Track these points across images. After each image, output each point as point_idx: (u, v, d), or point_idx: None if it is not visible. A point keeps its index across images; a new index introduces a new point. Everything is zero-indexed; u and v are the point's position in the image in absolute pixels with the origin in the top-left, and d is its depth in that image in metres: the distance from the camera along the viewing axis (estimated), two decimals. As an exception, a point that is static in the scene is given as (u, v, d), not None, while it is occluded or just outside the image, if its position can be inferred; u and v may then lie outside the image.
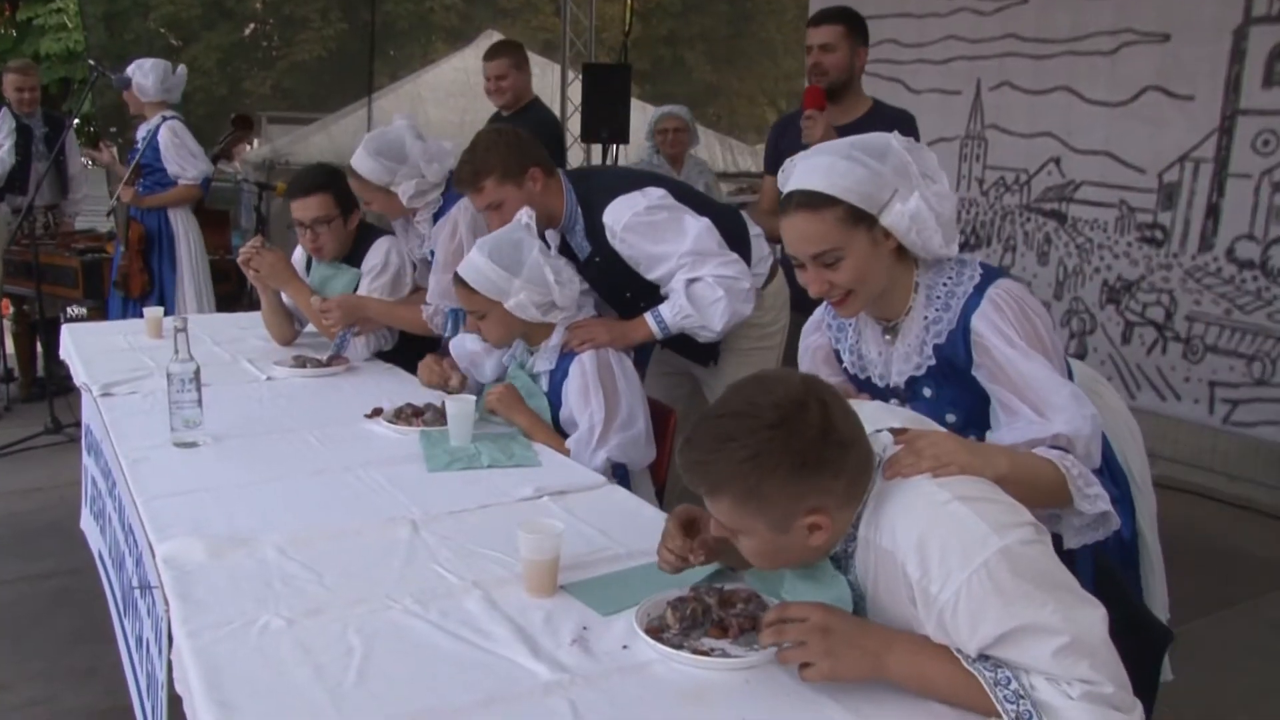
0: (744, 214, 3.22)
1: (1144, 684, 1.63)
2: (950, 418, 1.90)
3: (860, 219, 1.79)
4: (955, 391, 1.89)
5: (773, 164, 3.51)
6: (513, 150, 2.88)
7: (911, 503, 1.45)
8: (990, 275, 1.86)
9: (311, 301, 3.46)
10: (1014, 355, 1.79)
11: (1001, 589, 1.34)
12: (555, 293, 2.58)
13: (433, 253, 3.55)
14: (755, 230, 3.13)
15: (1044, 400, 1.76)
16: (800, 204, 1.81)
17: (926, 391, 1.92)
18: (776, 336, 3.24)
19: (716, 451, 1.44)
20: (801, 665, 1.43)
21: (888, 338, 1.96)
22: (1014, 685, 1.35)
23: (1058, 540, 1.76)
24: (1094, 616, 1.37)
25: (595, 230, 2.90)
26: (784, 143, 3.56)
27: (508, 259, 2.57)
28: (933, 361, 1.89)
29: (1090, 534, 1.78)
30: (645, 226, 2.81)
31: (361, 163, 3.34)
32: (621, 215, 2.82)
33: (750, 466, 1.41)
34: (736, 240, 2.96)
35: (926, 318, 1.88)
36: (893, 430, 1.59)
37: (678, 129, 5.79)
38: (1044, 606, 1.34)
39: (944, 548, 1.38)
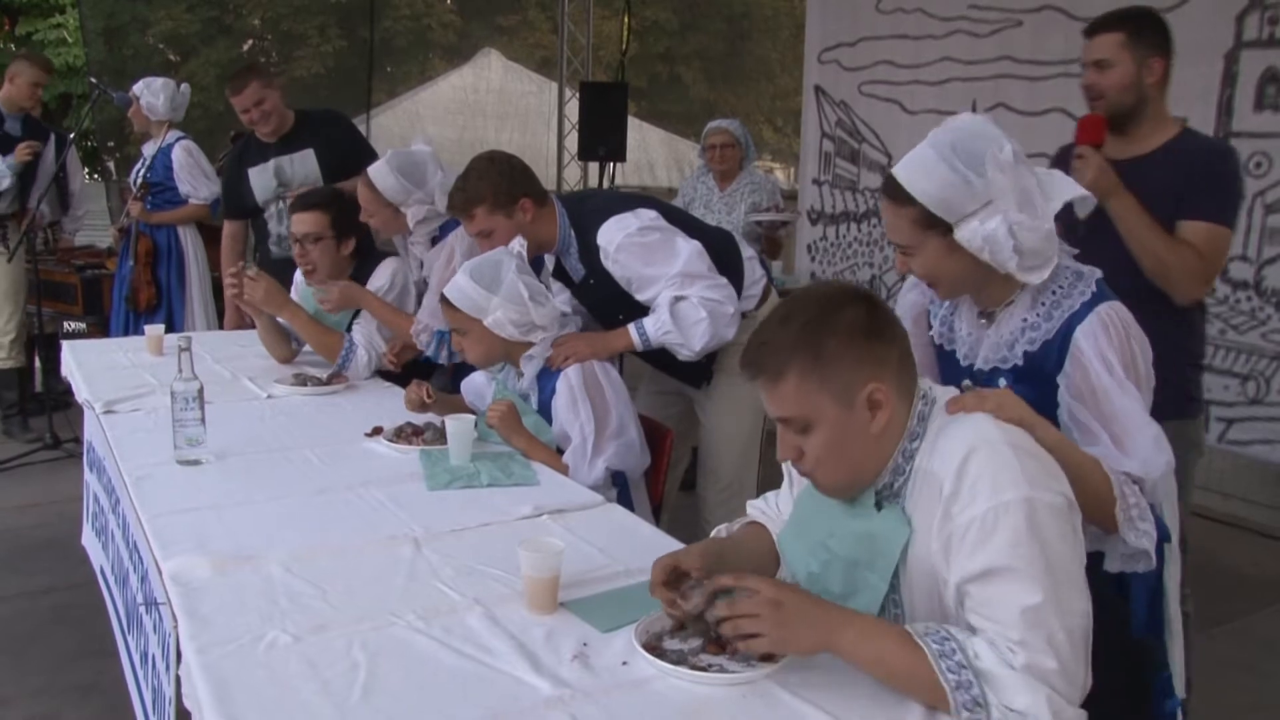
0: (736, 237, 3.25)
1: (1136, 698, 1.65)
2: None
3: (933, 224, 1.79)
4: (1030, 393, 1.85)
5: None
6: (504, 180, 2.92)
7: (966, 434, 1.50)
8: (1103, 294, 1.84)
9: (316, 294, 3.50)
10: (1110, 383, 1.78)
11: (1012, 531, 1.40)
12: (531, 311, 2.63)
13: (427, 279, 3.59)
14: (748, 253, 3.16)
15: (1127, 435, 1.77)
16: (887, 193, 1.85)
17: (1001, 382, 1.93)
18: None
19: (776, 332, 1.54)
20: (747, 636, 1.48)
21: (983, 321, 1.95)
22: (958, 656, 1.39)
23: (1099, 559, 1.80)
24: (1079, 606, 1.42)
25: (589, 253, 2.94)
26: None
27: (487, 278, 2.62)
28: (1020, 362, 1.89)
29: (1132, 564, 1.79)
30: (637, 247, 2.85)
31: (382, 177, 3.39)
32: (614, 236, 2.86)
33: (809, 331, 1.51)
34: (729, 263, 3.00)
35: (1026, 320, 1.88)
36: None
37: (725, 144, 5.26)
38: (1036, 565, 1.39)
39: (978, 476, 1.44)
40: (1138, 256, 2.63)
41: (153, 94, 5.31)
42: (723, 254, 2.99)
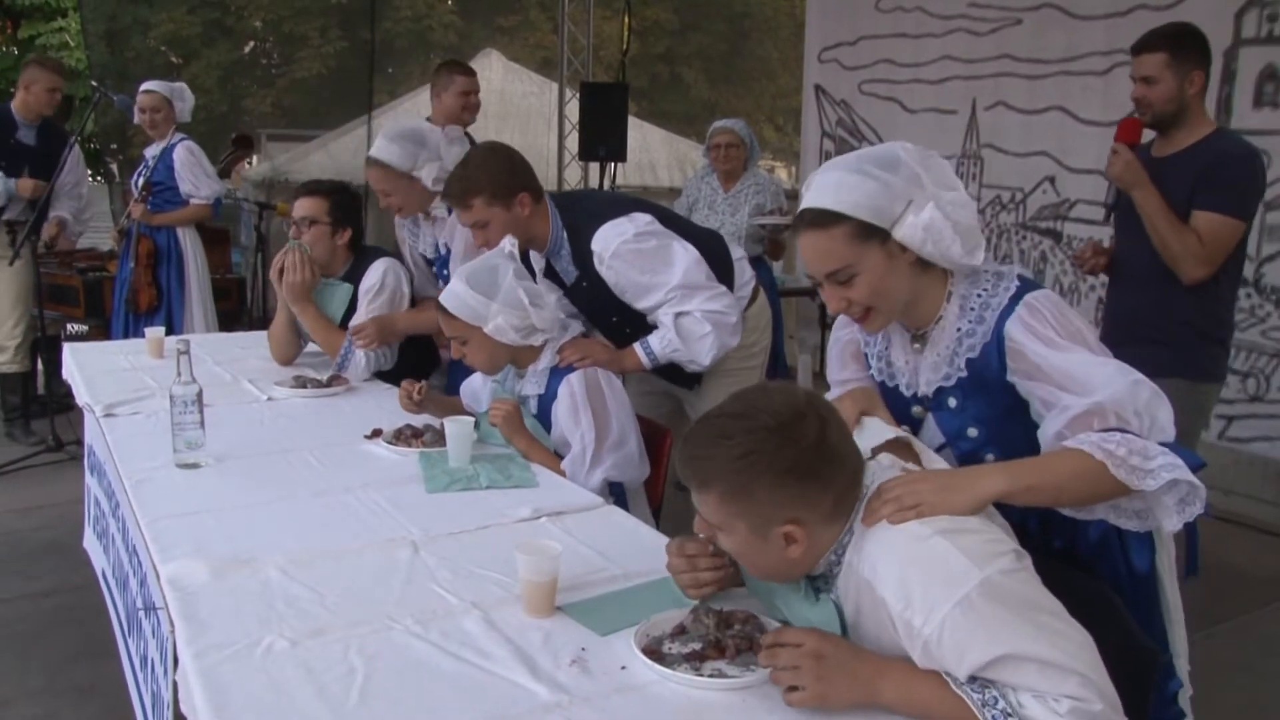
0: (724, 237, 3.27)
1: (1136, 705, 1.65)
2: (972, 431, 1.88)
3: (871, 234, 1.74)
4: (980, 405, 1.87)
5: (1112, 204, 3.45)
6: (504, 172, 2.90)
7: (892, 538, 1.48)
8: (1027, 286, 1.81)
9: (350, 327, 3.50)
10: (1050, 353, 1.74)
11: (984, 619, 1.38)
12: (532, 315, 2.62)
13: (445, 248, 3.57)
14: (738, 254, 3.17)
15: (1086, 383, 1.69)
16: (810, 222, 1.78)
17: (952, 402, 1.89)
18: (759, 357, 3.28)
19: (712, 447, 1.50)
20: (789, 689, 1.46)
21: (916, 346, 1.92)
22: (1001, 704, 1.38)
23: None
24: (1079, 639, 1.41)
25: (582, 256, 2.93)
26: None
27: (484, 284, 2.60)
28: (963, 374, 1.85)
29: (1187, 509, 1.64)
30: (633, 254, 2.84)
31: (384, 149, 3.40)
32: (610, 242, 2.85)
33: (742, 465, 1.47)
34: (720, 266, 3.00)
35: (960, 329, 1.83)
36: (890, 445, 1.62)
37: (730, 144, 5.29)
38: (1025, 634, 1.37)
39: (926, 582, 1.41)
40: (1153, 240, 3.12)
41: (183, 99, 5.44)
42: (713, 257, 2.99)
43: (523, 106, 11.62)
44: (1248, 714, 3.17)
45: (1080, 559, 1.92)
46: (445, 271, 3.62)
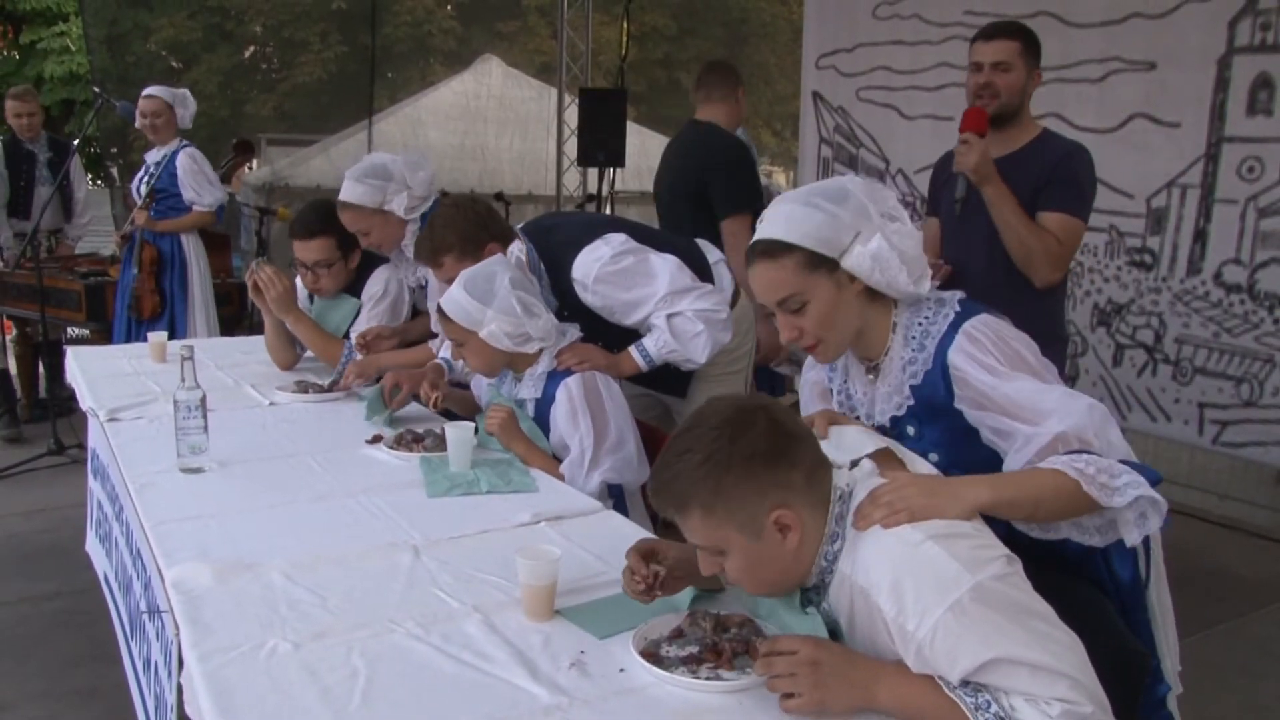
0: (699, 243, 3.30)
1: (1125, 708, 1.68)
2: (933, 456, 1.91)
3: (820, 263, 1.81)
4: (937, 431, 1.92)
5: (934, 204, 3.33)
6: (470, 228, 2.95)
7: (886, 544, 1.50)
8: (968, 312, 1.88)
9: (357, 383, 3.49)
10: (996, 382, 1.80)
11: (976, 624, 1.40)
12: (525, 323, 2.65)
13: (427, 281, 3.60)
14: (715, 256, 3.21)
15: (1035, 410, 1.75)
16: (761, 253, 1.85)
17: (910, 430, 1.95)
18: (743, 360, 3.32)
19: (674, 467, 1.53)
20: (785, 695, 1.48)
21: (870, 377, 1.99)
22: (994, 709, 1.40)
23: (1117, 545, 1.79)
24: (1068, 642, 1.43)
25: (561, 286, 2.98)
26: (942, 177, 3.30)
27: (481, 290, 2.64)
28: (912, 402, 1.92)
29: (1147, 523, 1.70)
30: (615, 275, 2.89)
31: (351, 191, 3.39)
32: (590, 268, 2.90)
33: (707, 468, 1.50)
34: (698, 271, 3.04)
35: (904, 358, 1.90)
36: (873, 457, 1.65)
37: None
38: (1017, 638, 1.40)
39: (918, 587, 1.44)
40: (1005, 239, 2.97)
41: (185, 105, 5.48)
42: (691, 263, 3.04)
43: (522, 112, 11.64)
44: (1243, 716, 3.20)
45: (1070, 563, 1.95)
46: None
